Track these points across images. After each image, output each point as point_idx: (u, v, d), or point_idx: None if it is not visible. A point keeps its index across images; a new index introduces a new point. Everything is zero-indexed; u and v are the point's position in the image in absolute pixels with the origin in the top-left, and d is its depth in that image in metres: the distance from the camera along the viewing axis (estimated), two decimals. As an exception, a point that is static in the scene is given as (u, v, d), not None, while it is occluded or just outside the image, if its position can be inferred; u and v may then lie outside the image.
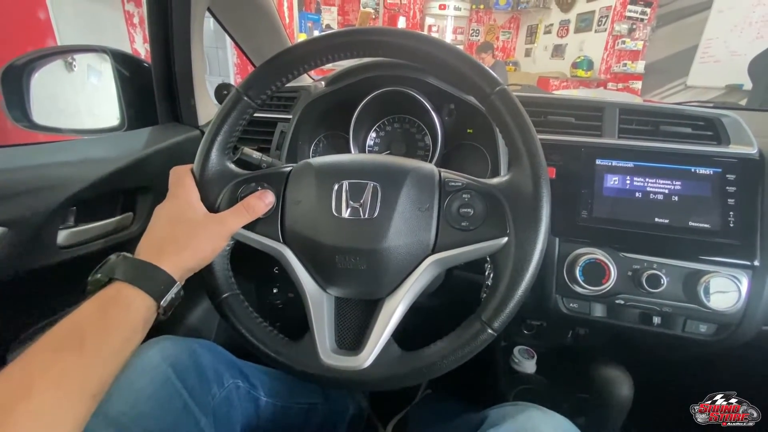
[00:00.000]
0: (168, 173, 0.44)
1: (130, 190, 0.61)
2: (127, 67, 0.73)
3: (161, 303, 0.35)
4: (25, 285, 0.48)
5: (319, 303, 0.43)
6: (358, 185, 0.41)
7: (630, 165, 0.57)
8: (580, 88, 5.12)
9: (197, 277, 0.42)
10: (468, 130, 0.69)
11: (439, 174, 0.43)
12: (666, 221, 0.55)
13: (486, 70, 0.40)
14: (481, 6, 6.51)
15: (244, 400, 0.51)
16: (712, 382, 0.62)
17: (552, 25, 5.93)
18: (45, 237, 0.48)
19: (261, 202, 0.43)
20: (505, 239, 0.39)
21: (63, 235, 0.51)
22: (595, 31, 5.17)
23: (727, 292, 0.51)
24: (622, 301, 0.56)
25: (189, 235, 0.39)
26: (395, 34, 0.41)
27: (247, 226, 0.43)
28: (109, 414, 0.37)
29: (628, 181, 0.57)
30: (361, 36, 0.42)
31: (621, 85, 5.15)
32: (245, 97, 0.44)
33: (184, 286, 0.38)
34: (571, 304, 0.59)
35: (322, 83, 0.70)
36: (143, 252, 0.37)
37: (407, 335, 0.44)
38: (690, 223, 0.54)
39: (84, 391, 0.29)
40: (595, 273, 0.54)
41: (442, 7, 6.18)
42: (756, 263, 0.52)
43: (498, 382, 0.79)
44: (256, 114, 0.47)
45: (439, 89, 0.65)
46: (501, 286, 0.38)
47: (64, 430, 0.27)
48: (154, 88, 0.74)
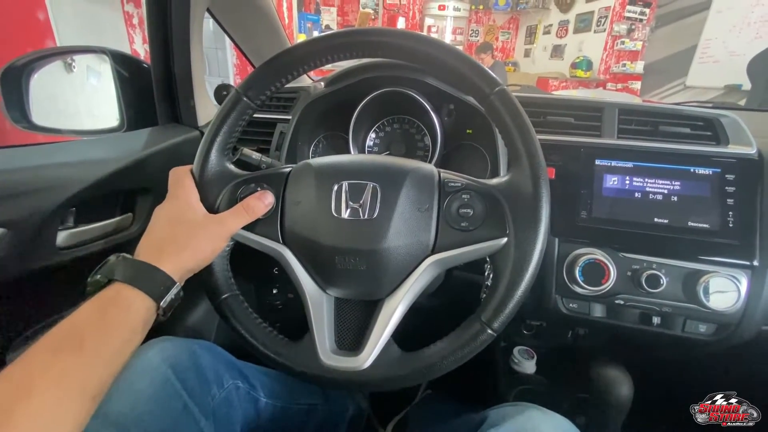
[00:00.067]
0: (167, 174, 0.44)
1: (129, 191, 0.61)
2: (126, 67, 0.73)
3: (161, 304, 0.35)
4: (24, 286, 0.48)
5: (319, 303, 0.43)
6: (357, 186, 0.41)
7: (629, 165, 0.57)
8: (580, 88, 5.12)
9: (197, 278, 0.42)
10: (467, 131, 0.69)
11: (439, 174, 0.43)
12: (665, 221, 0.55)
13: (485, 71, 0.41)
14: (481, 6, 6.51)
15: (243, 400, 0.51)
16: (712, 382, 0.62)
17: (551, 25, 5.93)
18: (44, 238, 0.48)
19: (260, 202, 0.43)
20: (504, 240, 0.39)
21: (62, 236, 0.51)
22: (594, 32, 5.18)
23: (727, 292, 0.51)
24: (622, 302, 0.56)
25: (188, 236, 0.39)
26: (394, 35, 0.41)
27: (247, 227, 0.43)
28: (109, 415, 0.37)
29: (628, 182, 0.57)
30: (360, 37, 0.42)
31: (620, 85, 5.16)
32: (245, 98, 0.44)
33: (183, 286, 0.38)
34: (570, 305, 0.59)
35: (322, 84, 0.70)
36: (143, 253, 0.37)
37: (407, 336, 0.44)
38: (689, 223, 0.54)
39: (84, 392, 0.29)
40: (594, 273, 0.54)
41: (442, 7, 6.18)
42: (755, 263, 0.52)
43: (498, 382, 0.79)
44: (256, 115, 0.47)
45: (439, 90, 0.65)
46: (500, 287, 0.38)
47: (63, 430, 0.27)
48: (154, 88, 0.73)
